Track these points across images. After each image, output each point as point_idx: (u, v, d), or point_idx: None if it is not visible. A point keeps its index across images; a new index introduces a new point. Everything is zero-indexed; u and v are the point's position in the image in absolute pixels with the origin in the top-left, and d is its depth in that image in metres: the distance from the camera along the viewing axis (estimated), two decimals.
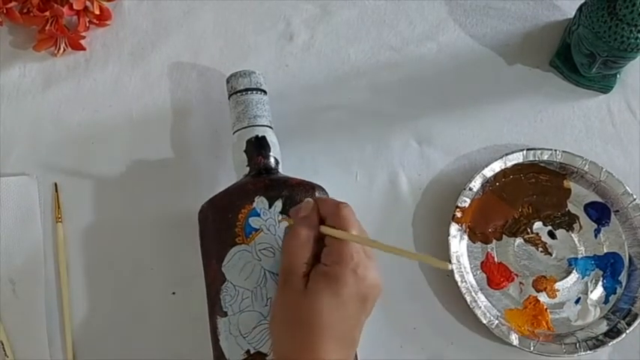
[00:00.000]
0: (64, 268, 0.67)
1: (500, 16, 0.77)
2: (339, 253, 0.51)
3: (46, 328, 0.66)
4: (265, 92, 0.66)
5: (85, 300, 0.67)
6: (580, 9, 0.69)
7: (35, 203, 0.69)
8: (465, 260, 0.69)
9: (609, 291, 0.69)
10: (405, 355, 0.67)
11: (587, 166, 0.70)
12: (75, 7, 0.71)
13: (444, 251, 0.67)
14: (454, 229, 0.68)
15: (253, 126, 0.64)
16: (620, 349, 0.67)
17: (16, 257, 0.67)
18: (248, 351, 0.57)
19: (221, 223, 0.59)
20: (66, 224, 0.68)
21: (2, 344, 0.64)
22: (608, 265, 0.69)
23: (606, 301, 0.68)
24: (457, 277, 0.66)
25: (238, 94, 0.65)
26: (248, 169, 0.63)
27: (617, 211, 0.70)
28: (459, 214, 0.68)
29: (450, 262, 0.66)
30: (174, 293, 0.67)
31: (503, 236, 0.70)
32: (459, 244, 0.69)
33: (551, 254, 0.69)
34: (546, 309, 0.68)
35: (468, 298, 0.66)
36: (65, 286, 0.67)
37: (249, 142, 0.63)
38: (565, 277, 0.69)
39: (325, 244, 0.52)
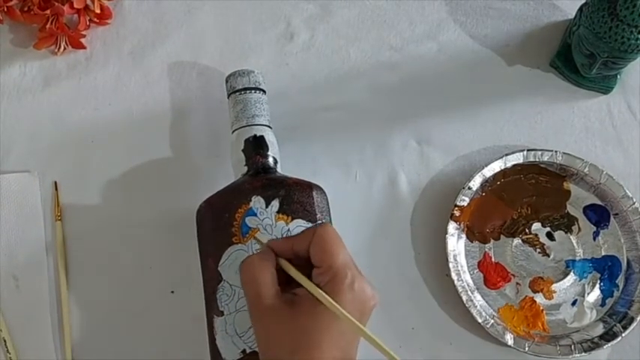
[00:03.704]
0: (62, 267, 0.67)
1: (501, 16, 0.77)
2: (334, 270, 0.50)
3: (50, 324, 0.66)
4: (264, 91, 0.66)
5: (84, 298, 0.67)
6: (580, 9, 0.69)
7: (37, 199, 0.69)
8: (462, 259, 0.69)
9: (606, 294, 0.69)
10: (403, 355, 0.66)
11: (587, 168, 0.70)
12: (75, 5, 0.71)
13: (441, 250, 0.67)
14: (452, 227, 0.68)
15: (251, 125, 0.64)
16: (619, 351, 0.67)
17: (19, 253, 0.68)
18: (244, 350, 0.57)
19: (218, 223, 0.60)
20: (65, 222, 0.69)
21: (4, 341, 0.65)
22: (605, 268, 0.69)
23: (603, 304, 0.68)
24: (454, 276, 0.66)
25: (237, 93, 0.65)
26: (246, 168, 0.63)
27: (617, 214, 0.70)
28: (457, 213, 0.68)
29: None
30: (173, 292, 0.68)
31: (502, 236, 0.70)
32: (456, 242, 0.69)
33: (549, 255, 0.69)
34: (542, 310, 0.68)
35: (464, 297, 0.66)
36: (64, 284, 0.67)
37: (247, 141, 0.63)
38: (562, 278, 0.69)
39: (314, 264, 0.51)
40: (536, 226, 0.70)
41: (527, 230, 0.70)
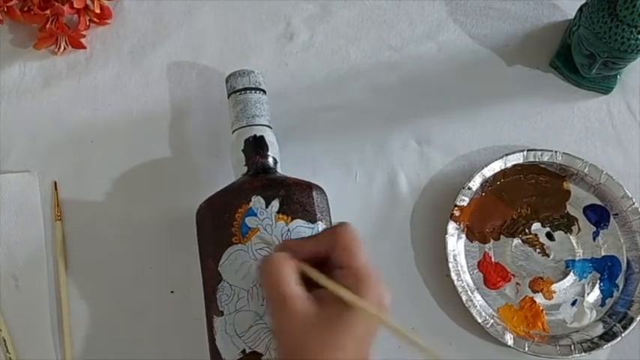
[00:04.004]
0: (62, 266, 0.67)
1: (501, 16, 0.77)
2: (354, 270, 0.50)
3: (50, 324, 0.66)
4: (264, 91, 0.66)
5: (84, 298, 0.67)
6: (580, 10, 0.69)
7: (37, 199, 0.69)
8: (462, 259, 0.69)
9: (606, 294, 0.69)
10: (402, 355, 0.67)
11: (587, 168, 0.70)
12: (75, 5, 0.71)
13: (441, 250, 0.67)
14: (452, 227, 0.68)
15: (252, 125, 0.64)
16: (619, 351, 0.67)
17: (19, 253, 0.68)
18: (244, 350, 0.57)
19: (218, 223, 0.59)
20: (65, 222, 0.69)
21: (4, 341, 0.65)
22: (605, 268, 0.69)
23: (603, 304, 0.68)
24: (454, 276, 0.66)
25: (237, 93, 0.65)
26: (246, 168, 0.63)
27: (617, 214, 0.70)
28: (457, 213, 0.68)
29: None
30: (172, 292, 0.68)
31: (501, 236, 0.70)
32: (456, 242, 0.69)
33: (548, 255, 0.69)
34: (542, 310, 0.68)
35: (464, 297, 0.66)
36: (63, 283, 0.67)
37: (247, 141, 0.63)
38: (562, 278, 0.69)
39: (336, 265, 0.51)
40: (536, 226, 0.70)
41: (527, 230, 0.70)
